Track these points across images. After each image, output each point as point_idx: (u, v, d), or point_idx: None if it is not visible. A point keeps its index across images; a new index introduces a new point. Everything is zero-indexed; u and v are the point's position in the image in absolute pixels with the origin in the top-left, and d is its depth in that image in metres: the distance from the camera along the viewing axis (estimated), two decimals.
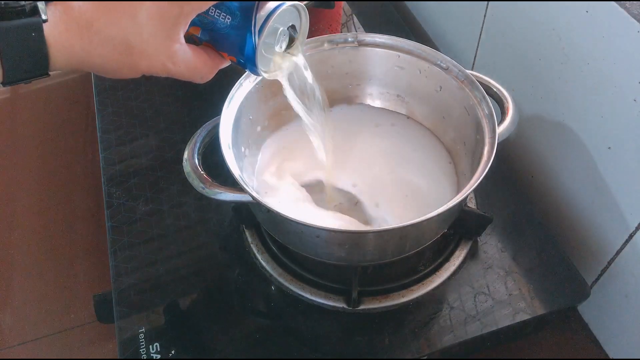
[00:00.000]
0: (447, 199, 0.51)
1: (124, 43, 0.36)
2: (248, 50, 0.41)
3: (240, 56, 0.42)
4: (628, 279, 0.57)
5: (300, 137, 0.64)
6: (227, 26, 0.40)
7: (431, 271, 0.59)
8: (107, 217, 0.66)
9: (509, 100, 0.58)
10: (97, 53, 0.36)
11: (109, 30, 0.35)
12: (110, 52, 0.36)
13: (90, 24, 0.35)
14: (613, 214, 0.58)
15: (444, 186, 0.60)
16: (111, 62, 0.36)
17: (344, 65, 0.66)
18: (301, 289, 0.58)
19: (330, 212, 0.57)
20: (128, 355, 0.54)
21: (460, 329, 0.55)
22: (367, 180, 0.60)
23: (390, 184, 0.60)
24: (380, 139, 0.65)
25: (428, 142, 0.64)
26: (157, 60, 0.37)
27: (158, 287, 0.60)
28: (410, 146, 0.64)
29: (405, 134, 0.65)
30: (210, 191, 0.51)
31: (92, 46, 0.35)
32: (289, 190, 0.58)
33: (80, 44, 0.35)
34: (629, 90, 0.51)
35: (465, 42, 0.80)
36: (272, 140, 0.65)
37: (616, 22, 0.50)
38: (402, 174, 0.61)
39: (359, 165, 0.62)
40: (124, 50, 0.36)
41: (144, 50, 0.36)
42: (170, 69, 0.38)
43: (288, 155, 0.63)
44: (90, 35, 0.35)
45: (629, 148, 0.53)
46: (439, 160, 0.62)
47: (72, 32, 0.34)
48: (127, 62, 0.37)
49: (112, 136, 0.76)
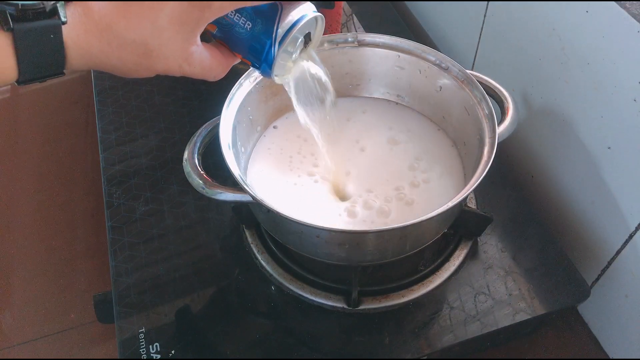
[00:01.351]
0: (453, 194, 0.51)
1: (142, 46, 0.36)
2: (266, 58, 0.41)
3: (256, 61, 0.42)
4: (628, 279, 0.57)
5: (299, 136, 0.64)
6: (246, 31, 0.40)
7: (431, 271, 0.59)
8: (107, 217, 0.66)
9: (509, 100, 0.58)
10: (115, 55, 0.36)
11: (129, 34, 0.35)
12: (129, 54, 0.36)
13: (110, 26, 0.34)
14: (613, 214, 0.58)
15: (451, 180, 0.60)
16: (129, 64, 0.36)
17: (344, 65, 0.66)
18: (301, 289, 0.58)
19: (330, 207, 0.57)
20: (128, 355, 0.54)
21: (460, 329, 0.55)
22: (367, 174, 0.60)
23: (393, 178, 0.60)
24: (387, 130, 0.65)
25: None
26: (174, 62, 0.37)
27: (158, 287, 0.60)
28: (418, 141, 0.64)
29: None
30: (210, 191, 0.51)
31: (110, 48, 0.35)
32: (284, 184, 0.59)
33: (98, 46, 0.35)
34: (629, 90, 0.51)
35: (465, 42, 0.80)
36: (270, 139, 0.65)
37: (616, 22, 0.50)
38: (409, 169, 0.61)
39: (361, 160, 0.62)
40: (142, 53, 0.36)
41: (162, 53, 0.36)
42: (185, 70, 0.39)
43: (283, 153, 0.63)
44: (109, 37, 0.35)
45: (629, 148, 0.53)
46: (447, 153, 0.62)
47: (91, 34, 0.34)
48: (145, 64, 0.37)
49: (112, 136, 0.76)
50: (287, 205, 0.57)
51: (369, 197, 0.58)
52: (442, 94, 0.62)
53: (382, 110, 0.67)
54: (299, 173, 0.60)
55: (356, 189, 0.59)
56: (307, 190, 0.59)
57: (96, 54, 0.35)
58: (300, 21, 0.41)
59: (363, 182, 0.59)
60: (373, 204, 0.57)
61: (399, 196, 0.58)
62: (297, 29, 0.41)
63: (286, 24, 0.40)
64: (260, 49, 0.41)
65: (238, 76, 0.58)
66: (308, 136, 0.62)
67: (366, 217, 0.56)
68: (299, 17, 0.41)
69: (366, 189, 0.59)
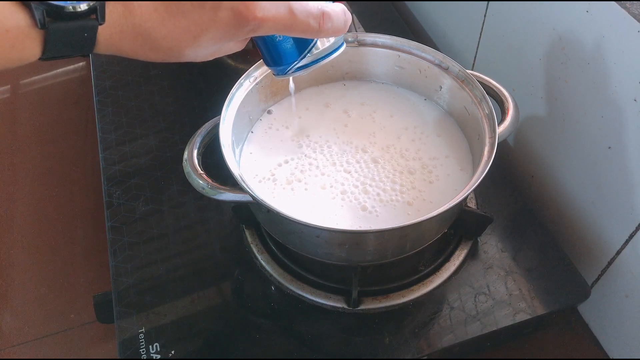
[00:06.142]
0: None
1: (177, 52, 0.35)
2: (283, 70, 0.42)
3: (271, 63, 0.42)
4: (628, 279, 0.57)
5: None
6: (275, 42, 0.40)
7: (431, 271, 0.59)
8: (107, 217, 0.66)
9: (509, 100, 0.58)
10: (145, 55, 0.35)
11: (166, 42, 0.34)
12: (160, 56, 0.35)
13: (148, 32, 0.33)
14: (613, 214, 0.58)
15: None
16: (155, 60, 0.36)
17: (344, 65, 0.66)
18: (301, 289, 0.58)
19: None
20: (128, 355, 0.54)
21: (461, 329, 0.55)
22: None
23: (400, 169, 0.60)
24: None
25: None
26: (202, 58, 0.37)
27: (158, 287, 0.60)
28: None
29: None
30: (211, 191, 0.51)
31: (142, 50, 0.34)
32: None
33: (130, 46, 0.34)
34: (629, 90, 0.51)
35: (465, 42, 0.80)
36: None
37: (616, 22, 0.50)
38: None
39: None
40: (173, 56, 0.35)
41: (194, 57, 0.36)
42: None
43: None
44: (143, 41, 0.34)
45: (629, 148, 0.53)
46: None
47: (126, 35, 0.33)
48: (171, 61, 0.36)
49: (112, 136, 0.76)
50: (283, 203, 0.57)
51: (369, 194, 0.58)
52: (442, 94, 0.62)
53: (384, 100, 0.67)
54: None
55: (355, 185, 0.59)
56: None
57: (126, 50, 0.34)
58: (330, 56, 0.42)
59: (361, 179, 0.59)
60: (373, 202, 0.57)
61: (399, 195, 0.58)
62: (325, 62, 0.42)
63: (317, 54, 0.41)
64: (280, 61, 0.41)
65: (238, 76, 0.58)
66: (304, 136, 0.62)
67: (367, 215, 0.56)
68: (330, 52, 0.42)
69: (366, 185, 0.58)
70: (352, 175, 0.60)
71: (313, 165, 0.60)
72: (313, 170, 0.59)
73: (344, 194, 0.57)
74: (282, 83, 0.63)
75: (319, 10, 0.37)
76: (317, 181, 0.58)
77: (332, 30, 0.38)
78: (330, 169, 0.59)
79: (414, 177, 0.59)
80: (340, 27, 0.39)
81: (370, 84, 0.68)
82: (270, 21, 0.35)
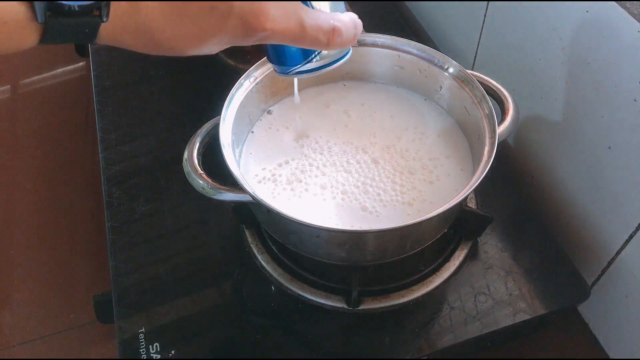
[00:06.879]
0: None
1: (179, 52, 0.34)
2: (286, 70, 0.42)
3: (275, 61, 0.42)
4: (628, 279, 0.57)
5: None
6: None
7: (431, 271, 0.59)
8: (107, 217, 0.66)
9: (509, 100, 0.58)
10: (146, 51, 0.34)
11: (169, 43, 0.33)
12: (161, 53, 0.34)
13: (152, 32, 0.32)
14: (613, 214, 0.58)
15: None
16: (156, 54, 0.35)
17: (344, 65, 0.65)
18: (301, 289, 0.58)
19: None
20: (128, 355, 0.54)
21: (461, 329, 0.55)
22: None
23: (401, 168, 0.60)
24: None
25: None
26: (204, 54, 0.36)
27: (158, 287, 0.60)
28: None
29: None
30: (211, 191, 0.51)
31: (143, 46, 0.33)
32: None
33: (130, 42, 0.33)
34: (629, 90, 0.51)
35: (465, 42, 0.80)
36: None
37: (616, 22, 0.50)
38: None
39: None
40: (174, 54, 0.35)
41: (196, 55, 0.35)
42: None
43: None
44: (146, 40, 0.33)
45: (629, 148, 0.53)
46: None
47: (127, 33, 0.32)
48: (172, 57, 0.36)
49: (112, 136, 0.76)
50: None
51: (369, 194, 0.58)
52: (442, 94, 0.62)
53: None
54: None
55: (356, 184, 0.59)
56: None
57: (126, 45, 0.33)
58: (335, 63, 0.42)
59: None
60: (374, 201, 0.57)
61: (399, 195, 0.58)
62: (329, 69, 0.42)
63: (322, 61, 0.41)
64: (283, 62, 0.41)
65: (238, 76, 0.58)
66: (304, 136, 0.62)
67: (367, 215, 0.56)
68: (336, 59, 0.42)
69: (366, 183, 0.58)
70: (352, 175, 0.60)
71: (313, 165, 0.60)
72: (313, 171, 0.59)
73: (344, 194, 0.57)
74: (283, 83, 0.63)
75: (330, 26, 0.37)
76: (317, 181, 0.58)
77: (341, 44, 0.38)
78: (331, 169, 0.59)
79: (414, 177, 0.58)
80: (350, 40, 0.38)
81: (370, 84, 0.68)
82: (279, 34, 0.34)
